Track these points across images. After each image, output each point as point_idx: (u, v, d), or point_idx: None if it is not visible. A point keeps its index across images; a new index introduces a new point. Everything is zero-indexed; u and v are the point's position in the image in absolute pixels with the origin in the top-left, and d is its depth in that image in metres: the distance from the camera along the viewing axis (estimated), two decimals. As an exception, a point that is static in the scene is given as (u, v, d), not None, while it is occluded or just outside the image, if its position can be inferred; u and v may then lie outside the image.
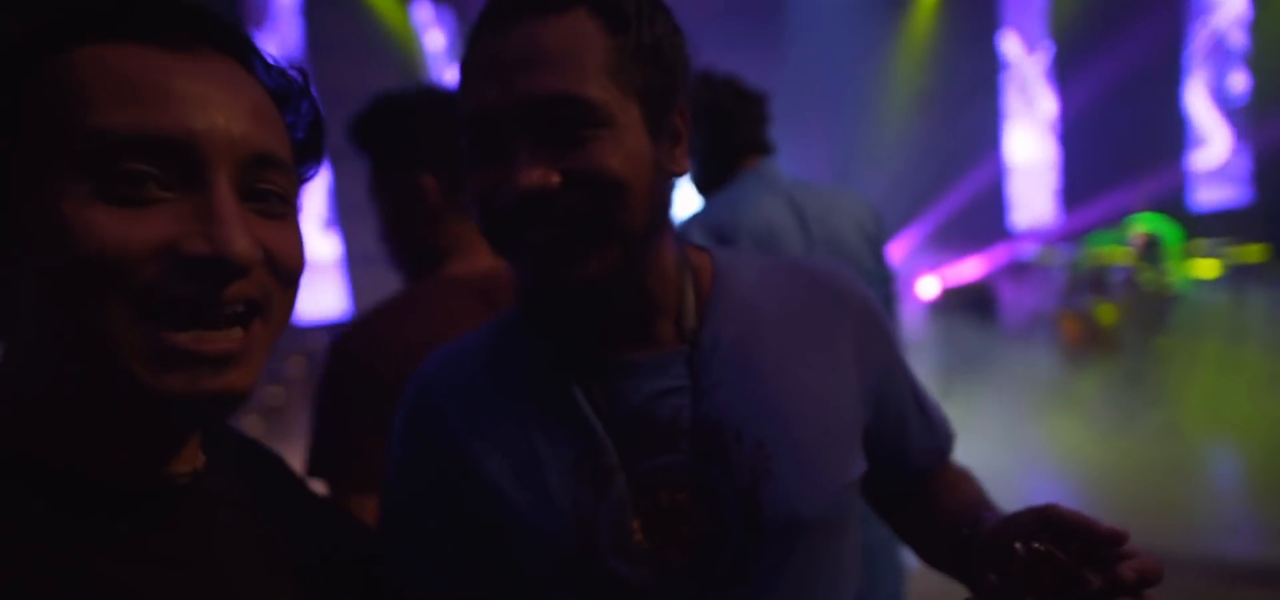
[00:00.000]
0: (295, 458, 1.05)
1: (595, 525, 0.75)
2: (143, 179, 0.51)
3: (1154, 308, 6.59)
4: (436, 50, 9.03)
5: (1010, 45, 9.56)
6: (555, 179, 0.69)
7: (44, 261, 0.50)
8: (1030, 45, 9.44)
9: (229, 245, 0.51)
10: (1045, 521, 0.63)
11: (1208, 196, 8.22)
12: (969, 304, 7.82)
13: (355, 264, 7.72)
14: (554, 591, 0.77)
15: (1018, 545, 0.61)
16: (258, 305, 0.55)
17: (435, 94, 1.35)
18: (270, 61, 0.61)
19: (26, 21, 0.51)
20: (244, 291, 0.53)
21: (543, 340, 0.82)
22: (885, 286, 1.88)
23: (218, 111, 0.53)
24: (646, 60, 0.72)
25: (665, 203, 0.77)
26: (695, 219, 1.76)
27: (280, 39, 7.48)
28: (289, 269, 0.57)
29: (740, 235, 1.68)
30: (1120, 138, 8.14)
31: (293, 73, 0.62)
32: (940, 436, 0.94)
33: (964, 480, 0.92)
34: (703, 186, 1.92)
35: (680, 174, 0.78)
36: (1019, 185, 9.65)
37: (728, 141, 1.87)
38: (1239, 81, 7.94)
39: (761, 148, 1.90)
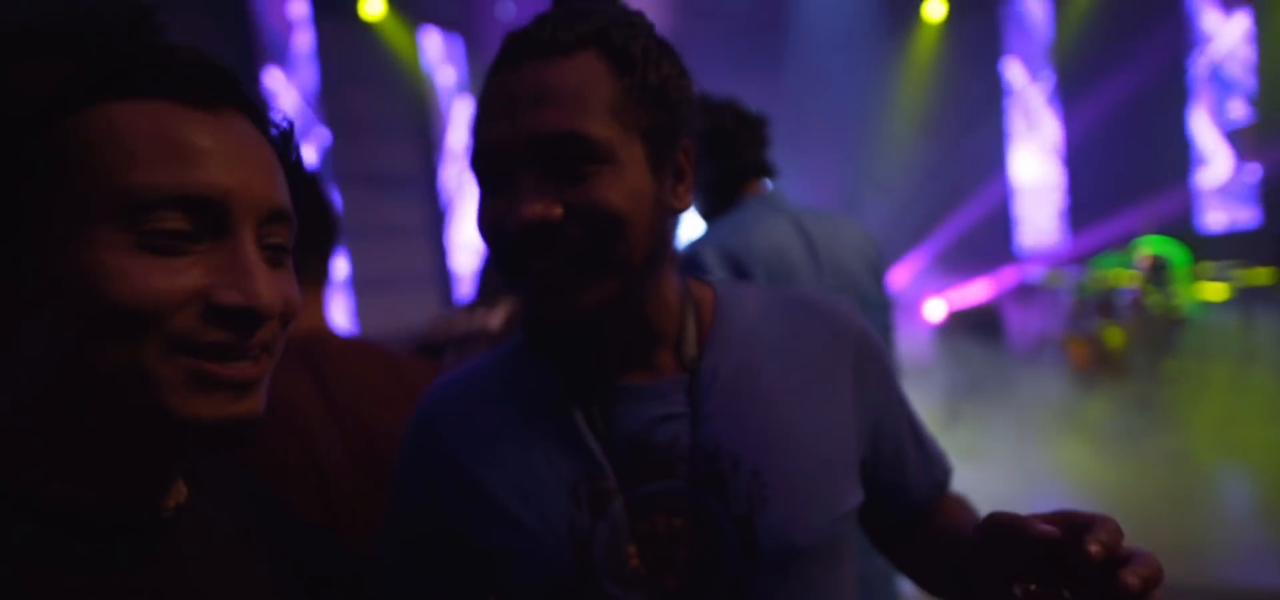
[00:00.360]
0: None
1: (591, 548, 0.76)
2: (177, 231, 0.54)
3: (1162, 330, 6.57)
4: (447, 83, 9.13)
5: (1013, 72, 9.61)
6: (557, 212, 0.71)
7: (76, 307, 0.52)
8: (1033, 72, 9.49)
9: (259, 297, 0.55)
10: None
11: (1215, 219, 8.21)
12: (976, 327, 7.79)
13: (360, 287, 7.80)
14: None
15: (1017, 590, 0.62)
16: (268, 347, 0.59)
17: None
18: (274, 117, 0.64)
19: (61, 74, 0.53)
20: (262, 338, 0.57)
21: (546, 365, 0.83)
22: (885, 314, 1.88)
23: (243, 168, 0.57)
24: (651, 101, 0.75)
25: (666, 237, 0.79)
26: (707, 241, 1.73)
27: (298, 76, 7.60)
28: (291, 312, 0.61)
29: (753, 259, 1.66)
30: (1126, 161, 8.16)
31: (287, 125, 0.65)
32: (938, 469, 0.94)
33: (960, 508, 0.92)
34: (707, 212, 1.91)
35: (682, 210, 0.80)
36: (1025, 207, 9.65)
37: (731, 165, 1.86)
38: (1241, 107, 7.96)
39: (764, 171, 1.90)
